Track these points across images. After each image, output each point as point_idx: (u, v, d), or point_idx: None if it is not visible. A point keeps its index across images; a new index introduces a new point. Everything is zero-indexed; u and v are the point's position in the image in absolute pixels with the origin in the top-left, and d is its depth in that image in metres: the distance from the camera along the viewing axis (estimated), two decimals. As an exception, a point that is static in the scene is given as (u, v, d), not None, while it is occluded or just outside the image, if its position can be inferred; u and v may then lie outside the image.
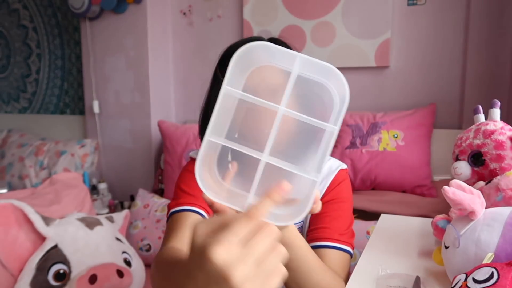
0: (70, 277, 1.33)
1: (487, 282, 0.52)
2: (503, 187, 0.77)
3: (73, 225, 1.44)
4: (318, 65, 0.49)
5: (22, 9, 3.00)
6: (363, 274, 0.74)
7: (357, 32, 2.02)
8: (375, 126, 1.82)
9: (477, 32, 1.82)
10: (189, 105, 2.54)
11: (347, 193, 0.96)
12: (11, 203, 1.31)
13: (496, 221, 0.62)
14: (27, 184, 2.57)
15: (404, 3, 1.96)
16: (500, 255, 0.59)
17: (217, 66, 0.88)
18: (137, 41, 2.37)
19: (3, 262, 1.30)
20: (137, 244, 1.86)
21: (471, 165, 0.89)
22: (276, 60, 0.50)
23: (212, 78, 0.89)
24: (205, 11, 2.41)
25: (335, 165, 0.97)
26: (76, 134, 2.82)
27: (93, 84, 2.53)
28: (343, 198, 0.94)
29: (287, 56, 0.48)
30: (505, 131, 0.86)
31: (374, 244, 0.89)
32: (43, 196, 1.64)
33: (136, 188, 2.21)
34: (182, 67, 2.53)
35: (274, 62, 0.51)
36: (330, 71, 0.49)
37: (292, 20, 2.14)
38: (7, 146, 2.84)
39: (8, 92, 3.18)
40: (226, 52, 0.88)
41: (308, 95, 0.52)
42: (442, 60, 1.92)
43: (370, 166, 1.77)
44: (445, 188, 0.65)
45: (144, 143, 2.44)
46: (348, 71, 2.08)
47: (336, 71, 0.49)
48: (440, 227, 0.80)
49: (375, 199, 1.76)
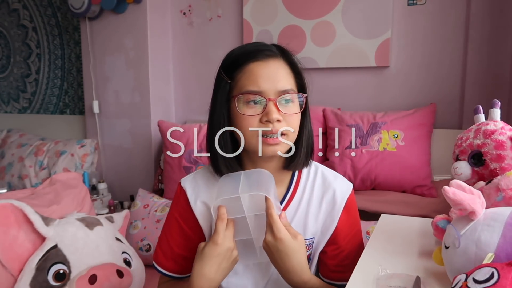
0: (70, 277, 1.33)
1: (488, 282, 0.52)
2: (503, 187, 0.77)
3: (73, 225, 1.44)
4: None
5: (22, 9, 3.00)
6: (363, 274, 0.74)
7: (357, 32, 2.02)
8: (375, 126, 1.82)
9: (477, 32, 1.82)
10: (189, 105, 2.54)
11: (358, 217, 0.99)
12: (10, 203, 1.31)
13: (496, 221, 0.62)
14: (26, 184, 2.57)
15: (404, 3, 1.96)
16: (500, 255, 0.59)
17: (220, 68, 0.89)
18: (137, 41, 2.37)
19: (2, 262, 1.30)
20: (137, 244, 1.86)
21: (471, 165, 0.89)
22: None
23: (216, 80, 0.90)
24: (205, 11, 2.41)
25: (344, 187, 0.95)
26: (76, 134, 2.82)
27: (93, 84, 2.53)
28: (357, 226, 0.98)
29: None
30: (505, 131, 0.86)
31: (374, 244, 0.89)
32: (42, 196, 1.64)
33: (136, 188, 2.21)
34: (182, 67, 2.53)
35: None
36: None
37: (292, 20, 2.14)
38: (7, 146, 2.84)
39: (8, 92, 3.18)
40: (230, 56, 0.89)
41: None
42: (442, 60, 1.92)
43: (370, 166, 1.77)
44: (445, 188, 0.65)
45: (144, 143, 2.44)
46: (348, 71, 2.08)
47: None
48: (440, 227, 0.79)
49: (375, 199, 1.75)
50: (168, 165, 2.16)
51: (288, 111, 0.84)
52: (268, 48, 0.86)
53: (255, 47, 0.87)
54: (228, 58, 0.89)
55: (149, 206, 1.99)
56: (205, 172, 0.97)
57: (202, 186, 0.94)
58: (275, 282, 0.93)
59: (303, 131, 0.89)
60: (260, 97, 0.82)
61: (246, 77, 0.84)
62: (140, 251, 1.84)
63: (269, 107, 0.82)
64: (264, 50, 0.85)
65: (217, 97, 0.88)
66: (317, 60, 2.10)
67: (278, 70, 0.84)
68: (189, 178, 0.97)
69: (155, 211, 1.95)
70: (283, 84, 0.83)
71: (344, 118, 1.90)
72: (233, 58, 0.88)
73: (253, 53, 0.85)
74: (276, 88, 0.83)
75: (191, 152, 2.10)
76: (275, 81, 0.83)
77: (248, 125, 0.83)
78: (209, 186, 0.94)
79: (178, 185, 0.97)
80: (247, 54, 0.85)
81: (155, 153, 2.44)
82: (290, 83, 0.85)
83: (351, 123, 1.87)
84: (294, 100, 0.85)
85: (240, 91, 0.84)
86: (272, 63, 0.84)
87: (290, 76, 0.86)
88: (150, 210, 1.96)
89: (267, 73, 0.83)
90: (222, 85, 0.87)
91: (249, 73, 0.84)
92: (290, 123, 0.84)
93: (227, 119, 0.87)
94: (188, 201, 0.93)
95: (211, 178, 0.94)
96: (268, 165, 0.89)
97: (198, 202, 0.93)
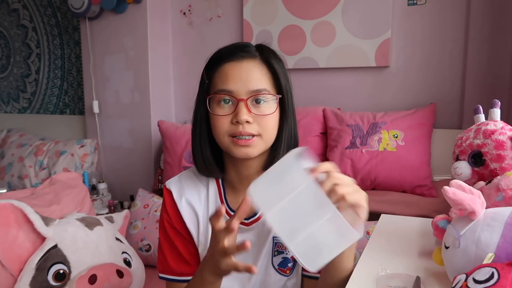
0: (70, 277, 1.33)
1: (488, 282, 0.52)
2: (504, 187, 0.77)
3: (73, 225, 1.44)
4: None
5: (22, 9, 3.00)
6: (363, 274, 0.74)
7: (357, 32, 2.02)
8: (375, 126, 1.82)
9: (477, 32, 1.81)
10: (189, 105, 2.50)
11: None
12: (10, 203, 1.31)
13: (496, 221, 0.62)
14: (26, 184, 2.57)
15: (404, 3, 1.96)
16: (500, 255, 0.59)
17: (204, 69, 0.89)
18: (137, 41, 2.37)
19: (2, 262, 1.30)
20: (137, 244, 1.86)
21: (471, 165, 0.89)
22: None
23: (200, 81, 0.90)
24: (205, 11, 2.41)
25: None
26: (76, 134, 2.82)
27: (93, 84, 2.53)
28: None
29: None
30: (506, 131, 0.86)
31: (374, 244, 0.89)
32: (42, 196, 1.64)
33: (136, 188, 2.21)
34: (182, 67, 2.53)
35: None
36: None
37: (292, 20, 2.14)
38: (6, 146, 2.84)
39: (8, 92, 3.18)
40: (212, 56, 0.89)
41: None
42: (442, 60, 1.92)
43: (370, 166, 1.77)
44: (445, 188, 0.65)
45: (144, 143, 2.44)
46: (348, 71, 2.08)
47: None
48: (440, 227, 0.79)
49: (375, 199, 1.75)
50: (168, 165, 2.16)
51: (261, 112, 0.82)
52: (245, 48, 0.85)
53: (233, 47, 0.86)
54: (210, 58, 0.89)
55: (149, 206, 1.99)
56: (189, 174, 0.96)
57: (187, 188, 0.94)
58: (262, 283, 0.92)
59: (282, 132, 0.86)
60: (231, 97, 0.81)
61: (219, 77, 0.84)
62: (140, 251, 1.84)
63: (239, 108, 0.80)
64: (239, 51, 0.84)
65: (198, 96, 0.89)
66: (317, 60, 2.10)
67: (251, 70, 0.83)
68: (174, 180, 0.97)
69: (155, 211, 1.95)
70: (255, 84, 0.81)
71: (344, 118, 1.90)
72: (213, 58, 0.88)
73: (228, 54, 0.85)
74: (247, 88, 0.81)
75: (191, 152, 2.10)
76: (247, 81, 0.81)
77: (219, 125, 0.82)
78: (193, 187, 0.94)
79: (164, 188, 0.96)
80: (223, 54, 0.85)
81: (155, 153, 2.44)
82: (264, 83, 0.83)
83: (351, 123, 1.87)
84: (268, 100, 0.83)
85: (213, 91, 0.84)
86: (246, 63, 0.83)
87: (265, 77, 0.84)
88: (150, 210, 1.96)
89: (239, 73, 0.82)
90: (202, 84, 0.88)
91: (222, 73, 0.83)
92: (262, 124, 0.82)
93: (204, 119, 0.87)
94: (174, 201, 0.93)
95: (195, 179, 0.94)
96: (248, 166, 0.88)
97: (184, 203, 0.92)
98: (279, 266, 0.90)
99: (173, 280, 0.93)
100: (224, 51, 0.86)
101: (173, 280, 0.93)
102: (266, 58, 0.85)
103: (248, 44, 0.87)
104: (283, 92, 0.86)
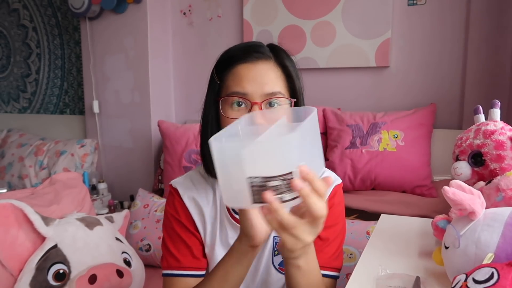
0: (70, 277, 1.33)
1: (487, 282, 0.52)
2: (503, 187, 0.77)
3: (73, 225, 1.44)
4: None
5: (22, 9, 3.00)
6: (363, 274, 0.74)
7: (357, 32, 2.02)
8: (375, 126, 1.82)
9: (477, 32, 1.82)
10: (189, 105, 2.54)
11: (342, 212, 0.93)
12: (10, 203, 1.31)
13: (496, 221, 0.62)
14: (26, 184, 2.57)
15: (404, 3, 1.96)
16: (500, 256, 0.59)
17: (214, 69, 0.87)
18: (137, 41, 2.37)
19: (2, 262, 1.30)
20: (137, 244, 1.86)
21: (471, 165, 0.89)
22: None
23: (209, 79, 0.88)
24: (205, 11, 2.41)
25: (332, 177, 0.92)
26: (76, 134, 2.82)
27: (93, 84, 2.53)
28: (337, 219, 0.90)
29: None
30: (505, 131, 0.86)
31: (374, 244, 0.89)
32: (42, 196, 1.64)
33: (136, 188, 2.21)
34: (182, 67, 2.53)
35: None
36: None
37: (292, 20, 2.14)
38: (7, 146, 2.84)
39: (8, 92, 3.18)
40: (223, 56, 0.87)
41: None
42: (442, 60, 1.92)
43: (370, 166, 1.77)
44: (445, 188, 0.65)
45: (144, 143, 2.44)
46: (348, 71, 2.08)
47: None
48: (440, 227, 0.79)
49: (375, 199, 1.75)
50: (168, 165, 2.16)
51: None
52: (259, 49, 0.84)
53: (246, 48, 0.84)
54: (220, 58, 0.87)
55: (149, 206, 1.99)
56: (196, 174, 0.95)
57: (194, 187, 0.92)
58: (263, 282, 0.92)
59: None
60: (245, 100, 0.80)
61: (232, 79, 0.82)
62: (140, 251, 1.84)
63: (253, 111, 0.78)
64: (254, 51, 0.83)
65: (208, 97, 0.87)
66: (317, 60, 2.10)
67: (266, 72, 0.81)
68: (180, 179, 0.95)
69: (155, 211, 1.95)
70: (270, 87, 0.80)
71: (344, 118, 1.90)
72: (224, 58, 0.86)
73: (242, 55, 0.83)
74: (262, 91, 0.79)
75: (191, 152, 2.10)
76: (262, 83, 0.79)
77: None
78: (200, 187, 0.92)
79: (169, 187, 0.95)
80: (236, 55, 0.83)
81: (155, 153, 2.44)
82: (279, 86, 0.82)
83: (351, 123, 1.87)
84: (282, 104, 0.82)
85: (226, 93, 0.82)
86: (260, 65, 0.82)
87: (280, 79, 0.83)
88: (150, 210, 1.96)
89: (253, 76, 0.80)
90: (213, 85, 0.86)
91: (236, 74, 0.81)
92: None
93: (215, 120, 0.85)
94: (181, 198, 0.91)
95: (202, 180, 0.93)
96: None
97: (191, 202, 0.91)
98: (279, 266, 0.91)
99: (179, 275, 0.89)
100: (237, 51, 0.84)
101: (179, 275, 0.90)
102: (281, 60, 0.84)
103: (261, 44, 0.86)
104: (297, 95, 0.85)
